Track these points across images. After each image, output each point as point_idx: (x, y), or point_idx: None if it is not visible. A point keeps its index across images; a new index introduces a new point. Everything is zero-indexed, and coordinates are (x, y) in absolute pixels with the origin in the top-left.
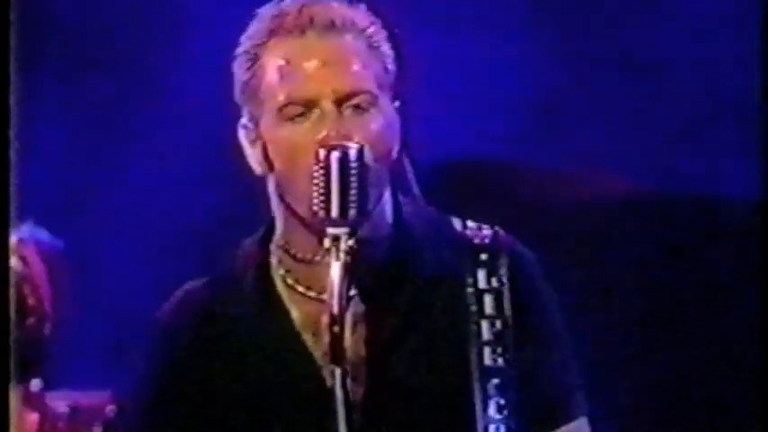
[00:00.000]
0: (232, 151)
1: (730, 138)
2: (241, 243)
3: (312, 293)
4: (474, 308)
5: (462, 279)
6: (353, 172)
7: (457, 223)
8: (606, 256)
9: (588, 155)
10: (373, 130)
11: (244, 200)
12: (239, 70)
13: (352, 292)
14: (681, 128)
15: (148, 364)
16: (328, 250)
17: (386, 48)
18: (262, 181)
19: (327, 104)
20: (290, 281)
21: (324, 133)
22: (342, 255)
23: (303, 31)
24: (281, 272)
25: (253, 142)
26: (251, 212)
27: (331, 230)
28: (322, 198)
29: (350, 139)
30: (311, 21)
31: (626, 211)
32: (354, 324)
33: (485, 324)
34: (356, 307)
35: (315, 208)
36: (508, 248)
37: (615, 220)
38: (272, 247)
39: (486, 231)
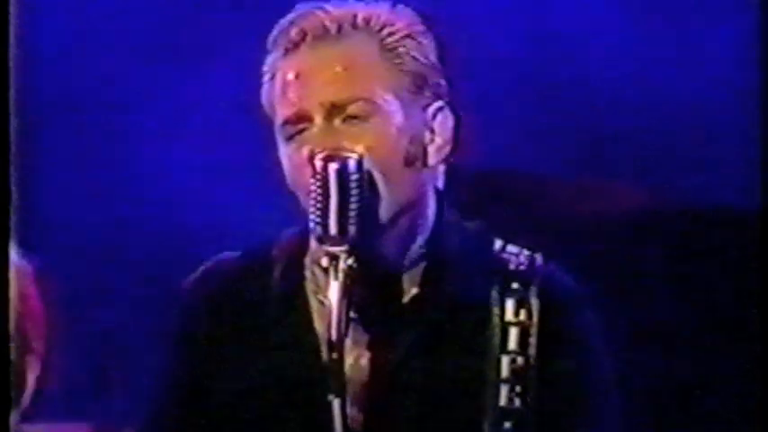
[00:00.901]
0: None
1: (730, 147)
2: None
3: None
4: (496, 341)
5: (489, 307)
6: (353, 185)
7: (497, 244)
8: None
9: (589, 165)
10: (374, 139)
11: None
12: (263, 90)
13: (353, 315)
14: (680, 137)
15: (169, 330)
16: (326, 270)
17: (409, 46)
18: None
19: (318, 119)
20: (312, 286)
21: (308, 149)
22: (340, 275)
23: (297, 46)
24: (308, 273)
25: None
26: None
27: (328, 249)
28: (319, 213)
29: (339, 152)
30: (303, 33)
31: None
32: (357, 346)
33: (505, 360)
34: (357, 331)
35: (312, 224)
36: (543, 278)
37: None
38: (312, 246)
39: (523, 257)
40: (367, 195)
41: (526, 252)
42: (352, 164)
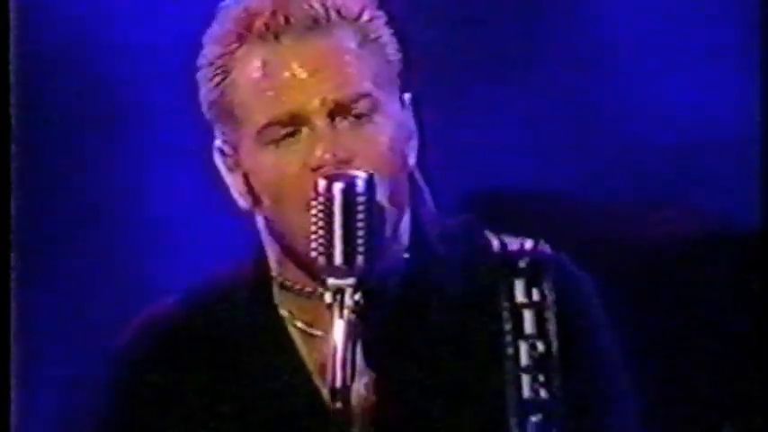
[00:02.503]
0: None
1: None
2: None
3: (317, 332)
4: (509, 326)
5: (496, 296)
6: (361, 208)
7: (492, 237)
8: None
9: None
10: (380, 142)
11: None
12: (206, 85)
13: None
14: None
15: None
16: (330, 306)
17: (385, 35)
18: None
19: (318, 119)
20: (284, 312)
21: (317, 155)
22: (346, 312)
23: (277, 36)
24: (278, 300)
25: (231, 170)
26: None
27: (333, 282)
28: (322, 241)
29: (351, 159)
30: (287, 21)
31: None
32: (361, 388)
33: (523, 346)
34: (363, 371)
35: (314, 254)
36: (553, 259)
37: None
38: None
39: (528, 243)
40: (376, 218)
41: (529, 240)
42: (360, 183)
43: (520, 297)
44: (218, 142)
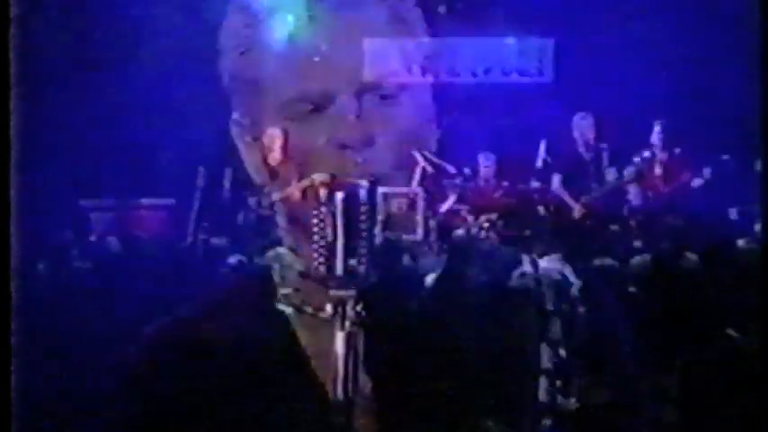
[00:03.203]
0: None
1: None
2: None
3: (325, 314)
4: (534, 330)
5: (523, 305)
6: (363, 218)
7: (525, 257)
8: None
9: None
10: (404, 120)
11: None
12: (231, 53)
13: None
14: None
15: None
16: (332, 317)
17: (414, 16)
18: None
19: (346, 97)
20: (296, 301)
21: (343, 134)
22: (347, 324)
23: (309, 9)
24: (287, 291)
25: (249, 143)
26: None
27: (334, 293)
28: (323, 250)
29: (374, 139)
30: None
31: None
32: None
33: (545, 350)
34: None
35: (314, 263)
36: (582, 275)
37: None
38: (276, 266)
39: (557, 259)
40: (379, 227)
41: (556, 256)
42: (362, 193)
43: (549, 305)
44: (235, 115)
